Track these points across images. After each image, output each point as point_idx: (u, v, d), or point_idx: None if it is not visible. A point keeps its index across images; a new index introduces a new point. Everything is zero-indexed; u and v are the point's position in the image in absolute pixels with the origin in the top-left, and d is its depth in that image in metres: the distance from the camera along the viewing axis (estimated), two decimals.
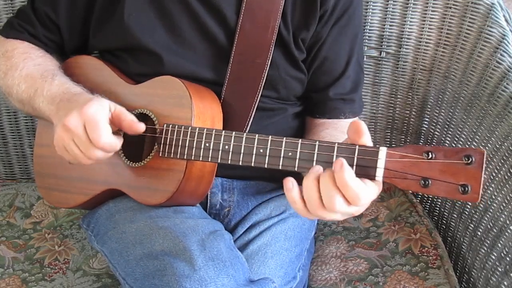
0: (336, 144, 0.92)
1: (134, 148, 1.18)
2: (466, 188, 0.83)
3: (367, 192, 0.89)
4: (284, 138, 0.98)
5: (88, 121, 1.05)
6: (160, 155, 1.13)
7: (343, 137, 1.19)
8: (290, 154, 0.97)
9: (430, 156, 0.85)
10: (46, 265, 1.39)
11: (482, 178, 0.83)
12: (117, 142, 1.07)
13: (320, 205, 0.90)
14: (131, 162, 1.17)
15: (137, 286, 1.10)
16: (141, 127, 1.10)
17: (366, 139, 0.92)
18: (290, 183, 0.92)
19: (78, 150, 1.08)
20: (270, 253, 1.23)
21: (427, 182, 0.86)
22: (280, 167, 0.98)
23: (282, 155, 0.98)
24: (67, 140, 1.08)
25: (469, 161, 0.83)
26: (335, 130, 1.26)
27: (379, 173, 0.89)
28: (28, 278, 1.36)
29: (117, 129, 1.11)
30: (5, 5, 1.46)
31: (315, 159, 0.94)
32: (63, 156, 1.12)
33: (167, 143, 1.12)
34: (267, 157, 0.99)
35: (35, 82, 1.18)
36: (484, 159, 0.83)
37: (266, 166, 0.99)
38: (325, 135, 1.25)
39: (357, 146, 0.91)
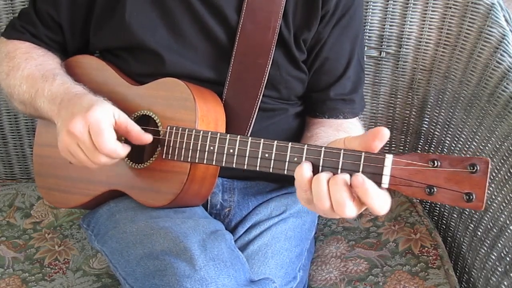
0: (342, 150, 0.92)
1: (136, 149, 1.18)
2: (471, 196, 0.84)
3: (386, 199, 0.89)
4: (290, 143, 0.97)
5: (93, 127, 1.05)
6: (164, 157, 1.13)
7: (336, 134, 1.19)
8: (295, 159, 0.97)
9: (436, 164, 0.86)
10: (46, 265, 1.39)
11: (487, 187, 0.84)
12: (121, 148, 1.07)
13: (330, 209, 0.90)
14: (133, 164, 1.17)
15: (138, 286, 1.10)
16: (148, 138, 1.10)
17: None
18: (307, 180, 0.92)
19: (84, 155, 1.08)
20: (271, 253, 1.23)
21: (432, 190, 0.86)
22: (286, 172, 0.97)
23: (287, 160, 0.97)
24: (72, 145, 1.08)
25: (474, 170, 0.84)
26: (330, 127, 1.26)
27: (385, 180, 0.89)
28: (28, 278, 1.35)
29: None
30: (5, 5, 1.46)
31: (320, 164, 0.94)
32: (68, 159, 1.12)
33: (171, 145, 1.12)
34: (272, 161, 0.99)
35: (36, 83, 1.18)
36: (489, 168, 0.84)
37: (271, 170, 0.99)
38: (318, 132, 1.25)
39: (363, 153, 0.91)
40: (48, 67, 1.22)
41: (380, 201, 0.88)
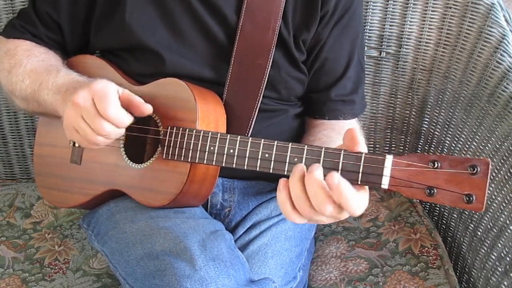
0: (343, 151, 0.92)
1: (136, 149, 1.18)
2: (471, 198, 0.84)
3: (362, 202, 0.90)
4: (290, 143, 0.98)
5: (97, 94, 1.03)
6: (164, 157, 1.13)
7: (339, 138, 1.19)
8: (295, 160, 0.97)
9: (436, 165, 0.86)
10: (46, 265, 1.39)
11: (487, 188, 0.83)
12: (126, 115, 1.05)
13: (309, 206, 0.90)
14: (134, 163, 1.17)
15: (138, 286, 1.10)
16: (148, 108, 1.08)
17: (362, 147, 0.93)
18: (284, 182, 0.92)
19: (87, 126, 1.05)
20: (271, 253, 1.23)
21: (432, 191, 0.86)
22: (286, 173, 0.98)
23: (287, 161, 0.97)
24: (76, 117, 1.05)
25: (474, 171, 0.84)
26: (333, 131, 1.26)
27: (385, 181, 0.89)
28: (28, 278, 1.36)
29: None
30: (5, 5, 1.46)
31: (320, 165, 0.94)
32: (73, 139, 1.10)
33: (171, 145, 1.12)
34: (272, 162, 0.99)
35: (40, 76, 1.17)
36: (489, 169, 0.83)
37: (271, 171, 0.99)
38: (321, 137, 1.25)
39: (363, 154, 0.91)
40: (51, 62, 1.22)
41: (355, 203, 0.88)
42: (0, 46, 1.28)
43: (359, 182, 0.91)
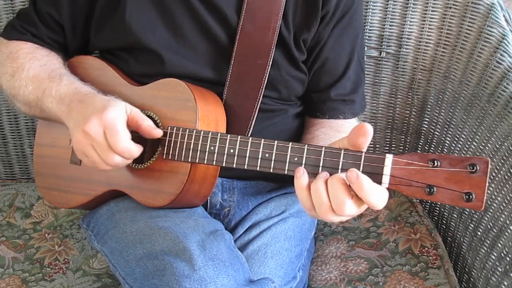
0: (343, 150, 0.93)
1: None
2: (470, 196, 0.85)
3: (382, 194, 0.90)
4: (290, 143, 0.98)
5: (108, 127, 1.05)
6: (164, 157, 1.13)
7: (337, 135, 1.20)
8: (296, 159, 0.97)
9: (436, 164, 0.86)
10: (46, 265, 1.39)
11: (486, 187, 0.84)
12: (135, 148, 1.07)
13: (330, 209, 0.91)
14: (134, 164, 1.17)
15: (137, 285, 1.10)
16: (159, 132, 1.10)
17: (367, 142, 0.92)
18: (301, 170, 0.93)
19: (97, 156, 1.08)
20: (270, 253, 1.23)
21: (432, 190, 0.87)
22: (286, 172, 0.98)
23: (288, 160, 0.98)
24: (87, 146, 1.08)
25: (473, 170, 0.84)
26: (330, 129, 1.26)
27: (385, 180, 0.90)
28: (28, 278, 1.36)
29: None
30: (5, 5, 1.46)
31: (321, 164, 0.94)
32: (82, 160, 1.13)
33: (171, 145, 1.12)
34: (272, 161, 0.99)
35: (43, 83, 1.18)
36: (489, 168, 0.84)
37: (271, 170, 0.99)
38: (319, 134, 1.25)
39: (363, 153, 0.91)
40: (53, 67, 1.22)
41: (375, 196, 0.89)
42: (1, 48, 1.28)
43: None
